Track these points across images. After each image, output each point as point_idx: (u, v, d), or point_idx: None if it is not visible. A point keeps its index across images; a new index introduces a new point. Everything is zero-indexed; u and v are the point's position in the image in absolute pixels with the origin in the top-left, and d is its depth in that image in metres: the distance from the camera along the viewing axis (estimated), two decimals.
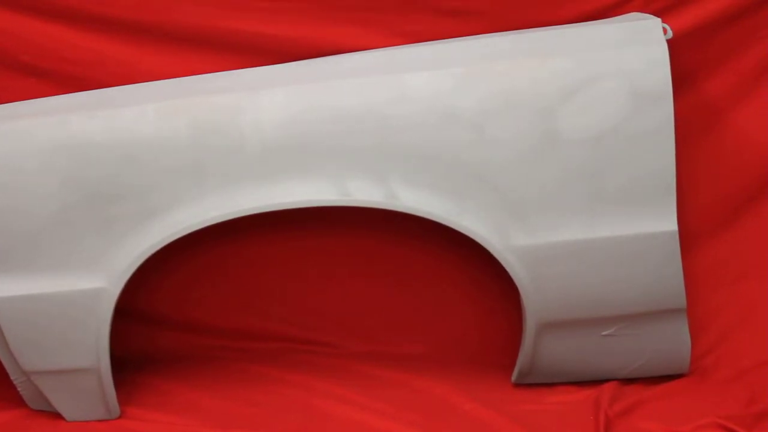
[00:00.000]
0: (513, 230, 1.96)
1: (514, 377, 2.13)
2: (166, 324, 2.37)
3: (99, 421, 2.07)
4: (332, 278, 2.32)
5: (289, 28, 2.11)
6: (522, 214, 1.95)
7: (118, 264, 1.97)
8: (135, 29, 2.13)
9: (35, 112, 2.01)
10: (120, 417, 2.08)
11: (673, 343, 2.05)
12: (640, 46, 1.92)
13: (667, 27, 1.94)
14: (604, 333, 2.04)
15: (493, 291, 2.23)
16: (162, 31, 2.13)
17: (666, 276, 1.98)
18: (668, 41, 1.92)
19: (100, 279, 1.97)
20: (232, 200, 1.95)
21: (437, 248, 2.25)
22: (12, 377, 2.09)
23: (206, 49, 2.13)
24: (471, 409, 2.02)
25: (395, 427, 1.96)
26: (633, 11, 2.07)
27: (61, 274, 1.98)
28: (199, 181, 1.94)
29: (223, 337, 2.36)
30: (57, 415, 2.09)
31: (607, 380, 2.08)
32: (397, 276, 2.30)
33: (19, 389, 2.10)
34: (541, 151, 1.92)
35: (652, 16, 1.98)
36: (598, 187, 1.94)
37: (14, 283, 1.98)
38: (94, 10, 2.12)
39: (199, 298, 2.35)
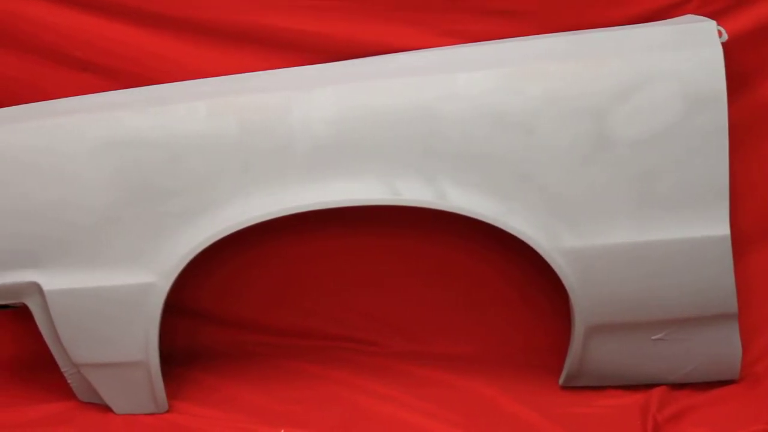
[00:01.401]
0: (562, 231, 1.95)
1: (561, 380, 2.12)
2: (211, 319, 2.39)
3: (147, 414, 2.09)
4: (377, 277, 2.32)
5: (338, 27, 2.12)
6: (571, 216, 1.94)
7: (167, 260, 1.99)
8: (186, 26, 2.15)
9: (87, 107, 2.03)
10: (168, 411, 2.10)
11: (723, 348, 2.02)
12: (694, 49, 1.90)
13: (722, 29, 1.92)
14: (653, 337, 2.02)
15: (540, 292, 2.22)
16: (213, 28, 2.14)
17: (717, 281, 1.95)
18: (723, 44, 1.90)
19: (150, 274, 1.99)
20: (281, 198, 1.96)
21: (484, 248, 2.24)
22: (62, 369, 2.12)
23: (256, 46, 2.15)
24: (517, 411, 2.01)
25: (439, 427, 1.96)
26: (688, 14, 2.05)
27: (112, 268, 2.00)
28: (248, 178, 1.96)
29: (267, 334, 2.37)
30: (106, 408, 2.11)
31: (656, 385, 2.06)
32: (442, 276, 2.30)
33: (69, 381, 2.13)
34: (592, 152, 1.91)
35: (707, 18, 1.97)
36: (650, 190, 1.92)
37: (66, 276, 2.01)
38: (146, 8, 2.14)
39: (245, 295, 2.36)
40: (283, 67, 2.12)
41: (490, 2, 2.09)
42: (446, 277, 2.30)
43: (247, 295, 2.36)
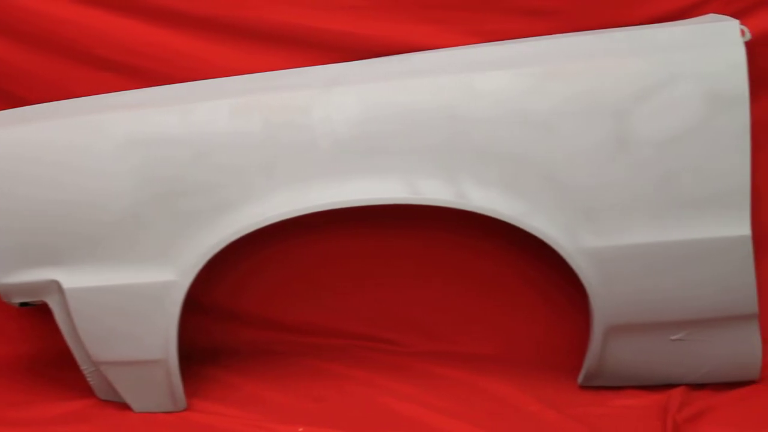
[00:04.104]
0: (583, 232, 1.94)
1: (580, 379, 2.12)
2: (230, 318, 2.39)
3: (166, 413, 2.09)
4: (397, 276, 2.32)
5: (362, 26, 2.11)
6: (592, 216, 1.94)
7: (188, 257, 1.99)
8: (208, 25, 2.15)
9: (111, 105, 2.04)
10: (186, 409, 2.10)
11: (743, 349, 2.02)
12: (717, 48, 1.90)
13: (745, 29, 1.91)
14: (673, 337, 2.02)
15: (560, 292, 2.22)
16: (235, 27, 2.14)
17: (738, 281, 1.95)
18: (746, 43, 1.90)
19: (170, 272, 1.99)
20: (302, 197, 1.96)
21: (505, 248, 2.24)
22: (82, 367, 2.12)
23: (278, 45, 2.14)
24: (536, 411, 2.02)
25: (460, 426, 1.96)
26: (710, 12, 2.05)
27: (132, 266, 2.00)
28: (271, 176, 1.96)
29: (287, 332, 2.38)
30: (125, 406, 2.12)
31: (675, 385, 2.05)
32: (463, 275, 2.30)
33: (88, 379, 2.14)
34: (614, 152, 1.91)
35: (729, 17, 1.96)
36: (671, 190, 1.92)
37: (85, 274, 2.01)
38: (168, 6, 2.14)
39: (264, 293, 2.37)
40: (308, 66, 2.12)
41: (517, 2, 2.09)
42: (467, 276, 2.30)
43: (267, 293, 2.36)
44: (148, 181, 1.96)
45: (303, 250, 2.32)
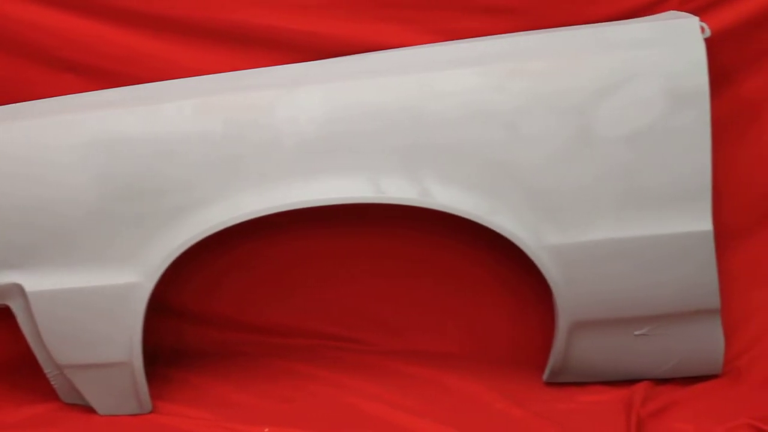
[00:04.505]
0: (546, 229, 1.95)
1: (545, 376, 2.12)
2: (197, 319, 2.38)
3: (131, 415, 2.08)
4: (364, 275, 2.32)
5: (325, 25, 2.10)
6: (555, 213, 1.95)
7: (152, 259, 1.97)
8: (172, 25, 2.13)
9: (73, 107, 2.02)
10: (152, 412, 2.09)
11: (706, 343, 2.04)
12: (677, 45, 1.91)
13: (705, 26, 1.93)
14: (636, 333, 2.03)
15: (525, 289, 2.23)
16: (198, 27, 2.13)
17: (700, 276, 1.97)
18: (706, 40, 1.91)
19: (135, 273, 1.98)
20: (267, 196, 1.95)
21: (470, 246, 2.24)
22: (45, 371, 2.10)
23: (242, 45, 2.13)
24: (502, 408, 2.02)
25: (426, 425, 1.96)
26: (670, 10, 2.06)
27: (96, 268, 1.98)
28: (235, 177, 1.95)
29: (253, 333, 2.36)
30: (89, 409, 2.10)
31: (639, 380, 2.07)
32: (429, 273, 2.30)
33: (52, 383, 2.12)
34: (576, 149, 1.92)
35: (689, 14, 1.97)
36: (633, 187, 1.93)
37: (49, 277, 1.99)
38: (131, 6, 2.12)
39: (230, 294, 2.35)
40: (271, 66, 2.11)
41: (477, 0, 2.09)
42: (433, 274, 2.30)
43: (233, 294, 2.35)
44: (111, 183, 1.95)
45: (269, 250, 2.31)
